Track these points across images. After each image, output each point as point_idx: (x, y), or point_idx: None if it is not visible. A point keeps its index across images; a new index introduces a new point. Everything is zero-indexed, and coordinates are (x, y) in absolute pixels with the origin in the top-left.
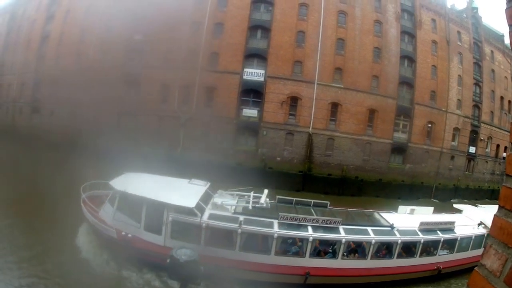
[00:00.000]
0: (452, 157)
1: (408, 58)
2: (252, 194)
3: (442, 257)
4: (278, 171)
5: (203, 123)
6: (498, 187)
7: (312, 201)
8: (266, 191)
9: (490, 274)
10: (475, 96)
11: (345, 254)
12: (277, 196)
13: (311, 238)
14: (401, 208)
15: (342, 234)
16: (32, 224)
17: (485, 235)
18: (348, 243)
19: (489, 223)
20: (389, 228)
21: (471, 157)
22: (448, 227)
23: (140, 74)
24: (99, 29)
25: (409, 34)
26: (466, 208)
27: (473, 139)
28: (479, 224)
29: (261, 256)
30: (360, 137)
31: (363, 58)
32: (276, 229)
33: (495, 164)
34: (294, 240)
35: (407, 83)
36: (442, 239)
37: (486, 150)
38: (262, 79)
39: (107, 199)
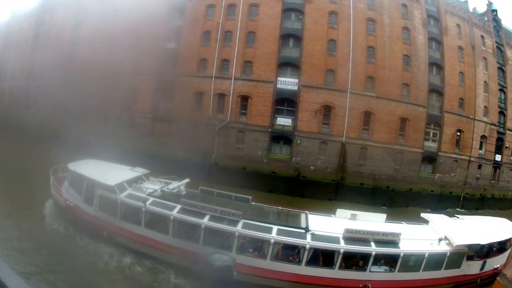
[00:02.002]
0: (479, 166)
1: (436, 65)
2: (178, 182)
3: (374, 275)
4: (311, 180)
5: (237, 131)
6: None
7: (234, 194)
8: (185, 180)
9: (510, 284)
10: (500, 102)
11: (241, 249)
12: (200, 187)
13: (203, 226)
14: (340, 212)
15: (238, 228)
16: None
17: (447, 253)
18: (243, 237)
19: (455, 238)
20: (302, 231)
21: (496, 166)
22: (387, 239)
23: (174, 81)
24: (131, 35)
25: (436, 41)
26: (435, 218)
27: (499, 147)
28: (440, 240)
29: (160, 235)
30: (392, 146)
31: (393, 66)
32: (174, 212)
33: None
34: (192, 226)
35: (436, 90)
36: (373, 253)
37: (511, 158)
38: (295, 88)
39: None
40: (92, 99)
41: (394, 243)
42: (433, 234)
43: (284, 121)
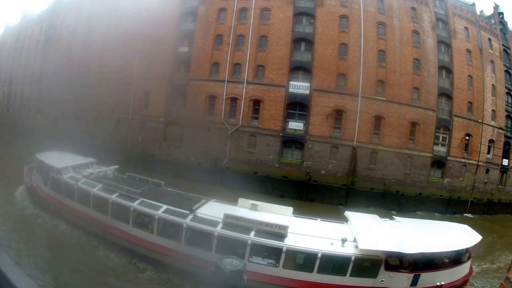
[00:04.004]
0: (487, 170)
1: (446, 69)
2: (110, 167)
3: (254, 265)
4: (322, 184)
5: (249, 135)
6: None
7: (151, 179)
8: (114, 166)
9: None
10: (507, 106)
11: (135, 223)
12: (127, 173)
13: (110, 201)
14: (241, 201)
15: (134, 204)
16: None
17: (352, 258)
18: (137, 212)
19: (360, 241)
20: (187, 212)
21: (504, 170)
22: (270, 231)
23: (187, 85)
24: (144, 39)
25: (445, 44)
26: (356, 218)
27: (506, 151)
28: (344, 241)
29: (85, 207)
30: (402, 150)
31: (404, 69)
32: (95, 190)
33: None
34: (104, 200)
35: (445, 94)
36: (249, 241)
37: None
38: (307, 92)
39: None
40: (104, 103)
41: (279, 236)
42: (342, 234)
43: (295, 125)
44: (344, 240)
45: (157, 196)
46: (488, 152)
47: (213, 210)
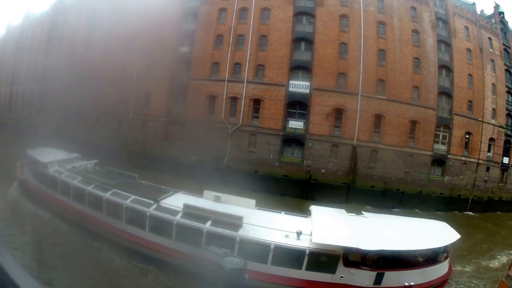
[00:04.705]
0: (488, 169)
1: (446, 68)
2: (90, 161)
3: (211, 254)
4: (322, 183)
5: (249, 134)
6: None
7: (126, 173)
8: (94, 161)
9: None
10: (508, 104)
11: (107, 212)
12: (106, 167)
13: (87, 191)
14: (206, 193)
15: (106, 194)
16: None
17: (306, 251)
18: (109, 202)
19: (315, 235)
20: (152, 202)
21: (504, 168)
22: (225, 221)
23: (188, 85)
24: (145, 39)
25: (445, 43)
26: (319, 212)
27: (507, 149)
28: (299, 234)
29: (66, 199)
30: (402, 149)
31: (404, 68)
32: (74, 181)
33: None
34: (82, 191)
35: (445, 93)
36: (205, 230)
37: None
38: (307, 91)
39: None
40: (105, 102)
41: (234, 226)
42: (301, 227)
43: (296, 124)
44: (299, 233)
45: (129, 188)
46: (489, 150)
47: (177, 201)
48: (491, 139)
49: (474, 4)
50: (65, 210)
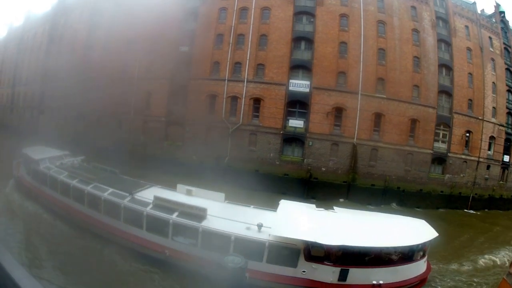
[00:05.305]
0: (488, 167)
1: (446, 67)
2: (77, 158)
3: (177, 244)
4: (323, 181)
5: (250, 133)
6: None
7: (109, 168)
8: (81, 157)
9: None
10: (508, 103)
11: (89, 204)
12: (92, 163)
13: (71, 185)
14: (179, 187)
15: (88, 187)
16: None
17: (266, 244)
18: (91, 195)
19: (274, 228)
20: (126, 194)
21: (505, 166)
22: (191, 212)
23: (188, 85)
24: (145, 39)
25: (445, 42)
26: (288, 206)
27: (507, 148)
28: (260, 226)
29: (55, 192)
30: (402, 147)
31: (404, 67)
32: (61, 176)
33: None
34: (67, 184)
35: (445, 92)
36: (171, 221)
37: None
38: (307, 90)
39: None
40: (106, 103)
41: (198, 218)
42: (265, 220)
43: (296, 123)
44: (260, 226)
45: (109, 182)
46: (489, 149)
47: (151, 194)
48: (492, 138)
49: (474, 3)
50: (54, 204)
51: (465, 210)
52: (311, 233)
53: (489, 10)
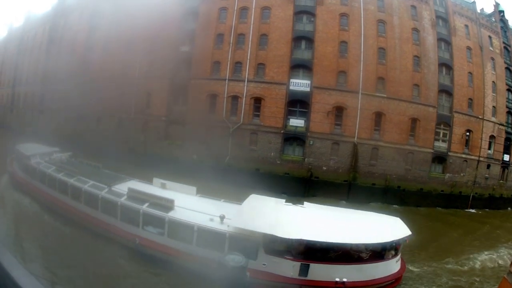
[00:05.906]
0: (488, 166)
1: (446, 66)
2: (64, 153)
3: (146, 233)
4: (324, 181)
5: (251, 132)
6: None
7: (93, 163)
8: (69, 153)
9: None
10: (508, 102)
11: (71, 195)
12: (79, 159)
13: (57, 178)
14: (155, 180)
15: (70, 180)
16: None
17: (226, 234)
18: (73, 186)
19: (234, 219)
20: (105, 186)
21: (505, 165)
22: (159, 203)
23: (188, 84)
24: (145, 39)
25: (445, 41)
26: (253, 200)
27: (507, 147)
28: (222, 218)
29: (45, 186)
30: (403, 146)
31: (404, 67)
32: (49, 171)
33: None
34: (54, 178)
35: (445, 91)
36: (141, 211)
37: None
38: (308, 89)
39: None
40: (106, 103)
41: (165, 208)
42: (229, 213)
43: (296, 122)
44: (222, 217)
45: (91, 175)
46: (489, 148)
47: (127, 186)
48: (492, 137)
49: (474, 2)
50: (42, 196)
51: (466, 210)
52: (270, 226)
53: (489, 9)
